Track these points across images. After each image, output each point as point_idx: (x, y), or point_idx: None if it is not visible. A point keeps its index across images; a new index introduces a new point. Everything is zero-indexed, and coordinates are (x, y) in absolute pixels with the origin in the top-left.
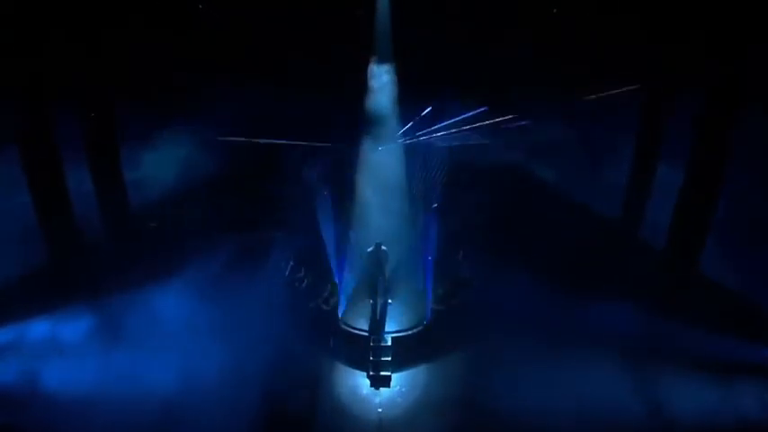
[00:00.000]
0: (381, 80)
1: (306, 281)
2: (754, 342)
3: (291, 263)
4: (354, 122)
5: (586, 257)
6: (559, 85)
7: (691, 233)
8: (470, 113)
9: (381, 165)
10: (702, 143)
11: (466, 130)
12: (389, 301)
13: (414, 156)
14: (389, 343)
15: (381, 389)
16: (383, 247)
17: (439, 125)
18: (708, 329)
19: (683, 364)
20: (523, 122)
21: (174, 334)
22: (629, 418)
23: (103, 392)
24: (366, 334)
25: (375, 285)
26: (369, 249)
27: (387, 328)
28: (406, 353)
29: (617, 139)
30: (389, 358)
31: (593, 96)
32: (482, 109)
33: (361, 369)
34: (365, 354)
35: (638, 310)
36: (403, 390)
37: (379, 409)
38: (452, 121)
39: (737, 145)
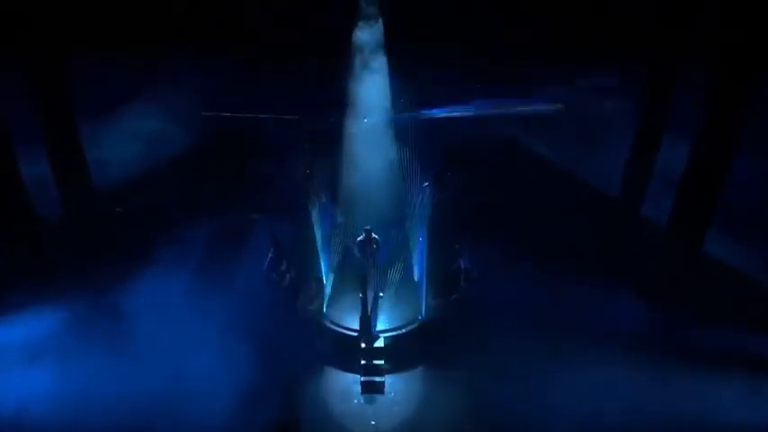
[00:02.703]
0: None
1: (288, 276)
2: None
3: (271, 254)
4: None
5: (588, 241)
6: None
7: (695, 214)
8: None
9: (368, 139)
10: (711, 119)
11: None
12: (380, 294)
13: (404, 130)
14: (382, 344)
15: (374, 396)
16: (374, 235)
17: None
18: (717, 319)
19: (694, 358)
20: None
21: (145, 336)
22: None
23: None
24: (356, 333)
25: (365, 277)
26: (359, 238)
27: (378, 327)
28: (401, 354)
29: (618, 114)
30: (383, 361)
31: None
32: None
33: (352, 374)
34: (355, 356)
35: (643, 300)
36: (398, 397)
37: (373, 422)
38: None
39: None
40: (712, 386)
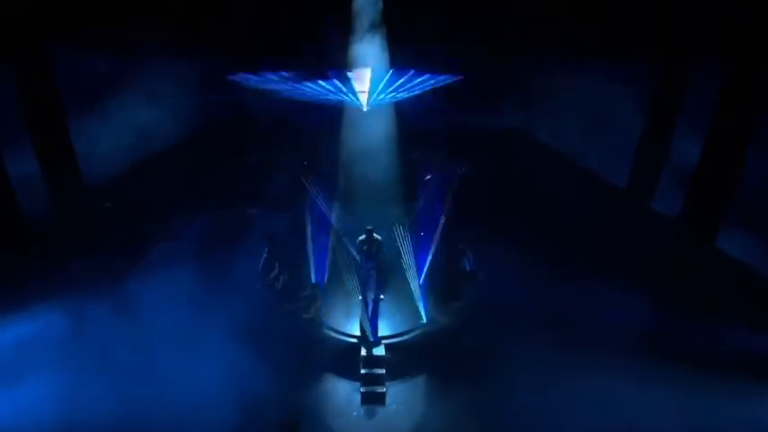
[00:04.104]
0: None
1: (282, 278)
2: None
3: (266, 254)
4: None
5: (595, 238)
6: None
7: (708, 207)
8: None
9: (368, 127)
10: (724, 114)
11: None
12: (381, 297)
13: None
14: (383, 352)
15: (374, 408)
16: (376, 235)
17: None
18: (728, 317)
19: (702, 359)
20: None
21: (135, 341)
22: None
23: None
24: (356, 340)
25: (367, 280)
26: (360, 238)
27: (378, 333)
28: (402, 363)
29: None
30: (383, 371)
31: None
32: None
33: (351, 383)
34: (355, 365)
35: (651, 299)
36: (400, 409)
37: None
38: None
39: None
40: (719, 386)
